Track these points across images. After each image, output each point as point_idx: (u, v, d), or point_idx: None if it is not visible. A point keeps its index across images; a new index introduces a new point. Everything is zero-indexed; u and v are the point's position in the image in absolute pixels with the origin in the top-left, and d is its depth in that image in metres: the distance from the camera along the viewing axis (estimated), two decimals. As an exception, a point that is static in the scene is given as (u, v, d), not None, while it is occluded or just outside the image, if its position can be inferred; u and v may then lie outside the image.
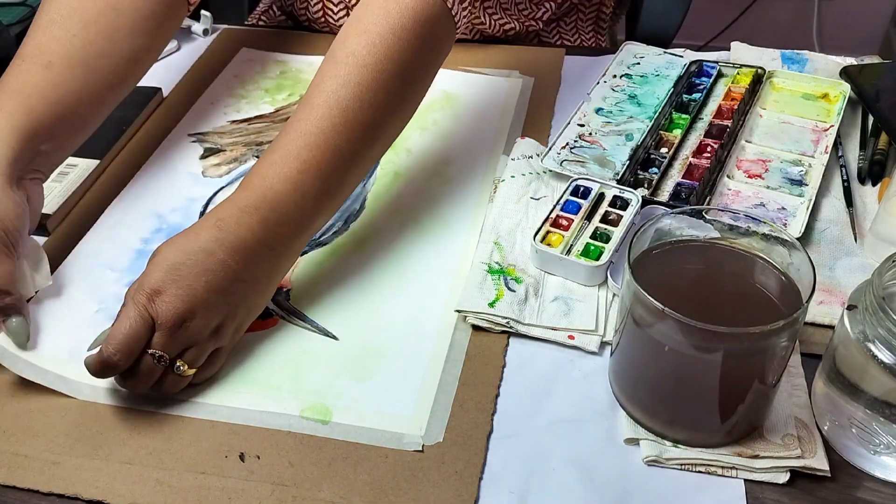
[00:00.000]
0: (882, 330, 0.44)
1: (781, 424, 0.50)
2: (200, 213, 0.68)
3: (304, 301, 0.60)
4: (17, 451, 0.51)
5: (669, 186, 0.67)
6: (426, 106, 0.79)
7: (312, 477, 0.49)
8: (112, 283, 0.61)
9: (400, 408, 0.52)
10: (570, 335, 0.57)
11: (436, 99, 0.80)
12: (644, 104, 0.77)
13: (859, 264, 0.61)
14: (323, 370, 0.55)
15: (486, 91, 0.82)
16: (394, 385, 0.54)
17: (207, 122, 0.78)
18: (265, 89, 0.83)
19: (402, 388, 0.53)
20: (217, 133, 0.77)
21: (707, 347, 0.44)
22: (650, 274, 0.47)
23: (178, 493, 0.48)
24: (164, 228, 0.66)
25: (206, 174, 0.72)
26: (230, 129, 0.77)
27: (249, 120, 0.78)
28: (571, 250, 0.60)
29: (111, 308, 0.59)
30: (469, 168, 0.72)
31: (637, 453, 0.50)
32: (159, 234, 0.65)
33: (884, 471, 0.48)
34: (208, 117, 0.79)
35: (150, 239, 0.65)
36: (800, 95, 0.78)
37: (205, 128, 0.77)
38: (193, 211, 0.68)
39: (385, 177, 0.71)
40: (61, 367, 0.54)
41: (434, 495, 0.48)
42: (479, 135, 0.76)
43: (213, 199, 0.69)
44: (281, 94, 0.82)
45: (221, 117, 0.79)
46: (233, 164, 0.73)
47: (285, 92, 0.82)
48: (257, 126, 0.77)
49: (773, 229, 0.49)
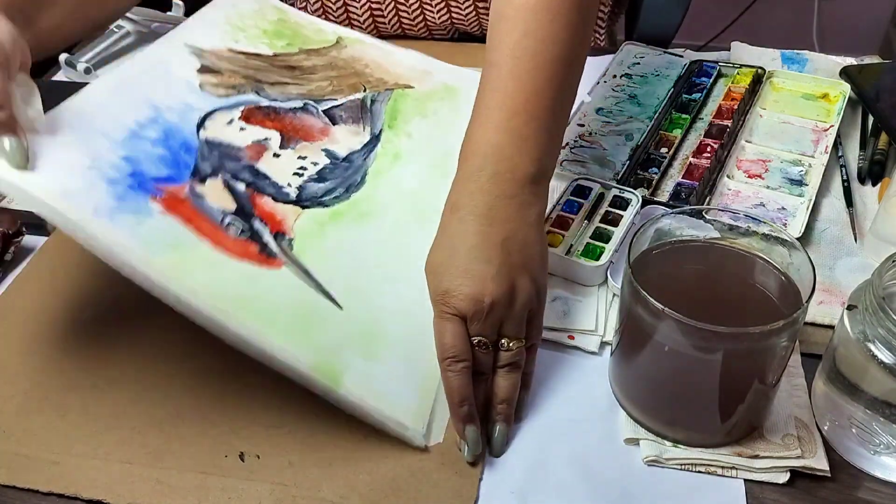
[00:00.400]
0: (882, 330, 0.44)
1: (781, 424, 0.50)
2: (198, 123, 0.64)
3: (307, 257, 0.58)
4: (16, 451, 0.51)
5: (669, 186, 0.67)
6: (425, 94, 0.79)
7: (312, 476, 0.49)
8: (106, 149, 0.58)
9: (404, 398, 0.52)
10: (570, 335, 0.57)
11: (435, 90, 0.80)
12: (644, 104, 0.77)
13: (859, 264, 0.61)
14: (329, 334, 0.54)
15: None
16: (398, 373, 0.53)
17: (206, 39, 0.74)
18: (263, 30, 0.79)
19: (406, 379, 0.53)
20: (215, 54, 0.73)
21: (707, 347, 0.44)
22: (650, 274, 0.47)
23: (178, 493, 0.48)
24: (159, 121, 0.62)
25: (204, 88, 0.68)
26: (228, 56, 0.74)
27: (248, 55, 0.75)
28: (572, 250, 0.60)
29: (105, 171, 0.55)
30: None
31: (637, 453, 0.50)
32: (154, 125, 0.62)
33: (884, 471, 0.48)
34: (206, 34, 0.75)
35: (145, 125, 0.61)
36: (800, 95, 0.78)
37: (202, 45, 0.73)
38: (190, 118, 0.64)
39: (385, 156, 0.70)
40: (54, 201, 0.51)
41: (434, 496, 0.48)
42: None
43: (210, 116, 0.66)
44: (280, 41, 0.79)
45: (219, 41, 0.75)
46: (230, 90, 0.70)
47: (284, 40, 0.79)
48: (256, 63, 0.74)
49: (773, 229, 0.49)
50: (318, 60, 0.78)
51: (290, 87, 0.73)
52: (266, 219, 0.59)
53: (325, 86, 0.75)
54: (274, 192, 0.61)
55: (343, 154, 0.68)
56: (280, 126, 0.68)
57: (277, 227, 0.59)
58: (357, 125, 0.72)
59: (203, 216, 0.56)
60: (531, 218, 0.54)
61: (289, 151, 0.66)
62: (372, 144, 0.70)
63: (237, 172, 0.61)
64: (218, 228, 0.56)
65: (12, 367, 0.56)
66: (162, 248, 0.52)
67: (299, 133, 0.68)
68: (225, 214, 0.57)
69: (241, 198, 0.59)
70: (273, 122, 0.68)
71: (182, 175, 0.58)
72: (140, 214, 0.53)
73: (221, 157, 0.62)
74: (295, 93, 0.73)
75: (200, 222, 0.55)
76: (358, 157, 0.68)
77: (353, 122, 0.72)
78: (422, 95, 0.62)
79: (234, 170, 0.61)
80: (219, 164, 0.61)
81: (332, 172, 0.66)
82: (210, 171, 0.60)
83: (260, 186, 0.61)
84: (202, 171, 0.59)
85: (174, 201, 0.56)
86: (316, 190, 0.63)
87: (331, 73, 0.77)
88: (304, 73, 0.75)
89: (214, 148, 0.62)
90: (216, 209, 0.57)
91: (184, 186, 0.57)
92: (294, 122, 0.69)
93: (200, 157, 0.61)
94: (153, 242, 0.52)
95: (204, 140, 0.62)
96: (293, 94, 0.73)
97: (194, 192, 0.57)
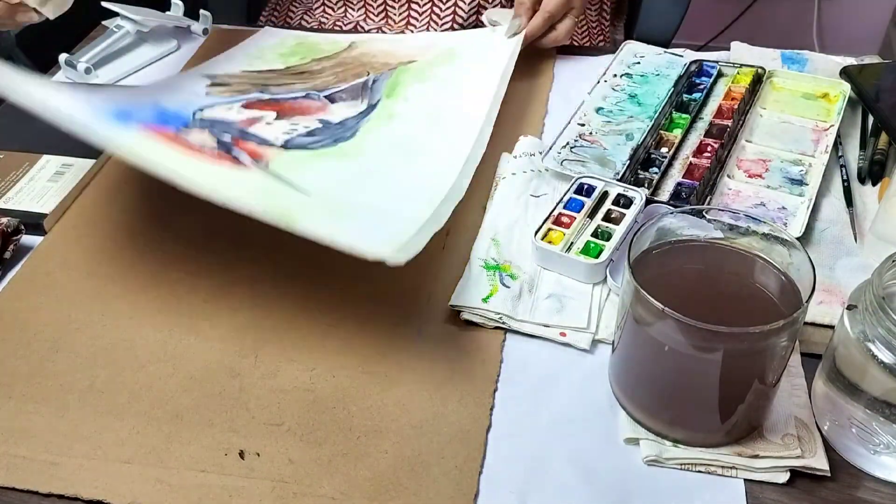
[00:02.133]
0: (882, 330, 0.44)
1: (781, 424, 0.50)
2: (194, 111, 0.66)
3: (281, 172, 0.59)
4: (15, 453, 0.50)
5: (670, 186, 0.67)
6: (427, 62, 0.78)
7: (313, 473, 0.49)
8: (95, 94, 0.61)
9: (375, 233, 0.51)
10: (563, 332, 0.57)
11: (437, 56, 0.80)
12: (644, 104, 0.77)
13: (859, 264, 0.61)
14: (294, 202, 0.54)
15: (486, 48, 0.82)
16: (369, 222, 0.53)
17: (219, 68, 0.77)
18: (279, 54, 0.82)
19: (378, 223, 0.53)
20: (227, 75, 0.76)
21: (707, 347, 0.44)
22: (650, 273, 0.47)
23: (178, 492, 0.48)
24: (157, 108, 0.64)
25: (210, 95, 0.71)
26: (240, 74, 0.76)
27: (260, 71, 0.77)
28: (572, 248, 0.60)
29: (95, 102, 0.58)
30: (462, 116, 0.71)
31: (637, 453, 0.50)
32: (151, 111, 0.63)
33: (884, 471, 0.48)
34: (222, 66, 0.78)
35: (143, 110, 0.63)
36: (800, 95, 0.78)
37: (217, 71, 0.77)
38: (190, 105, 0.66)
39: (379, 118, 0.70)
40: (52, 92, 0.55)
41: (434, 490, 0.48)
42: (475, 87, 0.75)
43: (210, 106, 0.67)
44: (294, 57, 0.81)
45: (233, 68, 0.78)
46: (236, 93, 0.72)
47: (298, 56, 0.81)
48: (266, 75, 0.76)
49: (774, 229, 0.49)
50: (328, 63, 0.79)
51: (295, 85, 0.74)
52: (245, 150, 0.60)
53: (331, 79, 0.75)
54: (258, 141, 0.62)
55: (337, 121, 0.68)
56: (278, 108, 0.69)
57: (255, 157, 0.60)
58: (356, 101, 0.72)
59: (183, 140, 0.58)
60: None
61: (283, 122, 0.67)
62: (367, 111, 0.71)
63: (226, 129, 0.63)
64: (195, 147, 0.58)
65: (10, 367, 0.56)
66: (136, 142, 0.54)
67: (296, 111, 0.69)
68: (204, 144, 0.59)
69: (223, 140, 0.61)
70: (271, 106, 0.69)
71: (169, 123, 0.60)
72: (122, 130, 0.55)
73: (213, 123, 0.63)
74: (299, 88, 0.73)
75: (180, 144, 0.57)
76: (351, 121, 0.69)
77: (352, 99, 0.73)
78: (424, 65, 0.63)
79: (222, 128, 0.63)
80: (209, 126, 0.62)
81: (322, 132, 0.66)
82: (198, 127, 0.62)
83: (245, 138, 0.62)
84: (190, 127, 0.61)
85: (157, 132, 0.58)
86: (302, 141, 0.64)
87: (338, 69, 0.77)
88: (312, 75, 0.77)
89: (206, 121, 0.64)
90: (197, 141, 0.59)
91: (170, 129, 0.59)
92: (293, 105, 0.70)
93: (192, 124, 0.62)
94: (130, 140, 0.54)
95: (199, 119, 0.64)
96: (297, 89, 0.73)
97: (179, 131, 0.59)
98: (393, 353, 0.55)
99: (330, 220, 0.52)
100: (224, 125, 0.63)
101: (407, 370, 0.55)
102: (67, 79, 0.87)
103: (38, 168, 0.72)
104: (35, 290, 0.62)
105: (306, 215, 0.51)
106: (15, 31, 0.87)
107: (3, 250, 0.63)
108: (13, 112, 0.81)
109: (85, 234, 0.67)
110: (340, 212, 0.54)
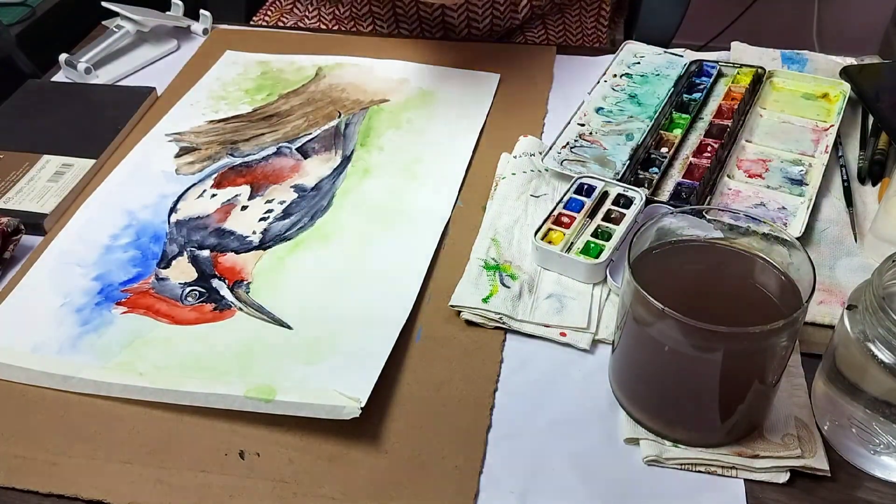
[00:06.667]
0: (882, 330, 0.44)
1: (781, 424, 0.50)
2: (170, 209, 0.68)
3: (263, 293, 0.60)
4: (15, 453, 0.51)
5: (670, 186, 0.67)
6: (400, 105, 0.79)
7: (313, 473, 0.49)
8: (79, 277, 0.62)
9: (344, 385, 0.52)
10: (562, 332, 0.57)
11: (410, 98, 0.80)
12: (644, 104, 0.77)
13: (859, 264, 0.61)
14: (273, 356, 0.55)
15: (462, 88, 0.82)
16: (341, 367, 0.54)
17: (186, 123, 0.79)
18: (245, 90, 0.83)
19: (350, 368, 0.53)
20: (194, 132, 0.77)
21: (707, 347, 0.44)
22: (650, 273, 0.47)
23: (178, 492, 0.48)
24: (133, 225, 0.67)
25: (180, 172, 0.72)
26: (206, 128, 0.78)
27: (226, 120, 0.79)
28: (572, 248, 0.60)
29: (76, 301, 0.60)
30: (439, 165, 0.72)
31: (637, 453, 0.50)
32: (128, 230, 0.66)
33: (884, 471, 0.48)
34: (187, 118, 0.79)
35: (119, 235, 0.66)
36: (800, 95, 0.78)
37: (183, 128, 0.78)
38: (163, 207, 0.68)
39: (355, 174, 0.71)
40: (24, 360, 0.55)
41: (434, 490, 0.48)
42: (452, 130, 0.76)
43: (183, 196, 0.69)
44: (260, 94, 0.82)
45: (199, 118, 0.79)
46: (206, 161, 0.73)
47: (264, 92, 0.83)
48: (234, 125, 0.78)
49: (774, 229, 0.49)
50: (296, 100, 0.82)
51: (265, 136, 0.77)
52: (225, 274, 0.61)
53: (301, 124, 0.78)
54: (237, 245, 0.64)
55: (312, 185, 0.70)
56: (251, 178, 0.71)
57: (236, 277, 0.61)
58: (329, 152, 0.74)
59: (164, 298, 0.60)
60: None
61: (257, 200, 0.69)
62: (342, 166, 0.73)
63: (203, 240, 0.64)
64: (176, 304, 0.59)
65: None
66: (117, 350, 0.56)
67: (269, 178, 0.71)
68: (185, 286, 0.60)
69: (203, 264, 0.62)
70: (244, 177, 0.71)
71: (149, 268, 0.62)
72: (101, 327, 0.58)
73: (189, 232, 0.65)
74: (270, 140, 0.76)
75: (160, 306, 0.59)
76: (327, 182, 0.70)
77: (325, 150, 0.74)
78: (396, 107, 0.64)
79: (199, 239, 0.65)
80: (186, 241, 0.64)
81: (299, 205, 0.68)
82: (177, 252, 0.63)
83: (223, 245, 0.64)
84: (169, 255, 0.63)
85: (137, 297, 0.60)
86: (280, 228, 0.66)
87: (307, 108, 0.80)
88: (281, 118, 0.79)
89: (183, 226, 0.66)
90: (177, 286, 0.61)
91: (149, 279, 0.61)
92: (265, 170, 0.72)
93: (169, 241, 0.65)
94: (109, 349, 0.56)
95: (174, 223, 0.66)
96: (268, 142, 0.76)
97: (158, 279, 0.61)
98: (393, 352, 0.55)
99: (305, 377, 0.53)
100: (201, 231, 0.65)
101: (407, 370, 0.55)
102: (67, 79, 0.87)
103: (38, 168, 0.73)
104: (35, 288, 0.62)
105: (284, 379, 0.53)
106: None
107: (3, 250, 0.63)
108: (13, 112, 0.81)
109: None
110: (319, 351, 0.55)
